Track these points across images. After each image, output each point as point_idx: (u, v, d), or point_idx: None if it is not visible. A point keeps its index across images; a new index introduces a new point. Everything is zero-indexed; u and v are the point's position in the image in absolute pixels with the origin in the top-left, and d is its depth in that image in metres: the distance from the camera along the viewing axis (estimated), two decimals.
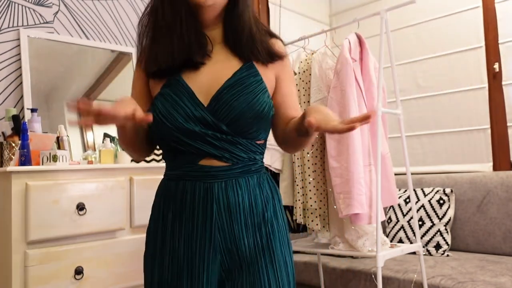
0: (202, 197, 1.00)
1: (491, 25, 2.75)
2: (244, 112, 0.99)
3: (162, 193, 1.08)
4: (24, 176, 1.56)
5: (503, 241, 2.40)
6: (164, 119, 0.98)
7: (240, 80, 1.01)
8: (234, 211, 1.00)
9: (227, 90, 1.00)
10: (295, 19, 3.37)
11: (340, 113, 1.85)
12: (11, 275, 1.50)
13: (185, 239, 1.00)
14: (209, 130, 0.99)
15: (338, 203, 1.82)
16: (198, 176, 1.00)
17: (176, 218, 1.02)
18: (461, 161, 2.85)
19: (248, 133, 1.02)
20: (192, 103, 0.99)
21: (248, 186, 1.03)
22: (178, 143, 1.00)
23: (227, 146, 1.00)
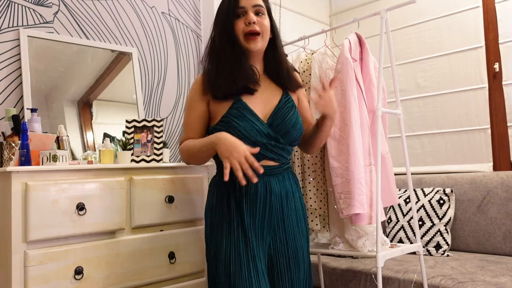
0: (263, 189, 1.39)
1: (491, 25, 2.75)
2: (292, 128, 1.42)
3: (225, 186, 1.43)
4: (24, 176, 1.56)
5: (503, 241, 2.40)
6: (244, 133, 1.36)
7: (284, 104, 1.44)
8: (285, 198, 1.42)
9: (278, 112, 1.42)
10: (295, 19, 3.37)
11: (341, 113, 1.85)
12: (10, 275, 1.50)
13: (249, 218, 1.38)
14: (271, 141, 1.40)
15: (338, 203, 1.82)
16: (259, 174, 1.33)
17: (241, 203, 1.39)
18: (461, 161, 2.85)
19: (293, 142, 1.46)
20: (257, 121, 1.38)
21: (290, 179, 1.47)
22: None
23: (280, 151, 1.43)
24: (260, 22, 1.40)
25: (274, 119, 1.41)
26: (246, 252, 1.35)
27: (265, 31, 1.42)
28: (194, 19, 2.88)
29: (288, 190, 1.45)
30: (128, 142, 2.05)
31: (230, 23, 1.40)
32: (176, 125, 2.72)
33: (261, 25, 1.40)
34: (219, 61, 1.43)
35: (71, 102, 2.21)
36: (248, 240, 1.37)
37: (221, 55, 1.42)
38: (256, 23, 1.39)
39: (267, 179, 1.41)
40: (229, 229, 1.40)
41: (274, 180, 1.42)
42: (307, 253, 1.50)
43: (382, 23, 1.90)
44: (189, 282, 1.94)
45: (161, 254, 1.87)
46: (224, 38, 1.41)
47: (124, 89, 2.43)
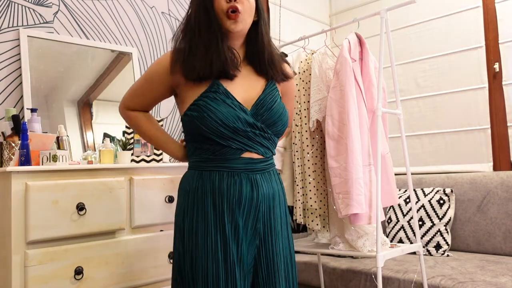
0: (249, 187, 1.23)
1: (491, 25, 2.75)
2: (278, 119, 1.28)
3: (199, 183, 1.24)
4: (24, 176, 1.56)
5: (503, 241, 2.40)
6: (221, 118, 1.19)
7: (270, 93, 1.30)
8: (272, 198, 1.28)
9: (264, 100, 1.27)
10: (295, 19, 3.37)
11: (340, 113, 1.85)
12: (11, 275, 1.50)
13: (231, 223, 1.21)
14: (256, 130, 1.24)
15: (337, 203, 1.82)
16: (242, 169, 1.23)
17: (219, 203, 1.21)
18: (461, 161, 2.85)
19: (279, 133, 1.32)
20: (239, 108, 1.23)
21: (275, 178, 1.32)
22: (229, 140, 1.22)
23: (266, 143, 1.28)
24: (242, 1, 1.25)
25: (258, 108, 1.25)
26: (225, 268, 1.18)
27: (246, 11, 1.26)
28: None
29: (275, 190, 1.30)
30: (128, 142, 2.05)
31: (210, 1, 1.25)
32: (176, 125, 2.72)
33: (243, 3, 1.24)
34: (193, 40, 1.25)
35: (71, 102, 2.21)
36: (229, 249, 1.19)
37: (196, 34, 1.25)
38: (238, 1, 1.24)
39: (252, 176, 1.24)
40: (206, 236, 1.20)
41: (260, 178, 1.26)
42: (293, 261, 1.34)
43: (382, 23, 1.90)
44: None
45: (161, 254, 1.87)
46: (202, 15, 1.25)
47: (124, 89, 2.42)
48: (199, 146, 1.26)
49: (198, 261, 1.19)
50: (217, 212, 1.21)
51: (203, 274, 1.17)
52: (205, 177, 1.23)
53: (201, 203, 1.22)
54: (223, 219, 1.20)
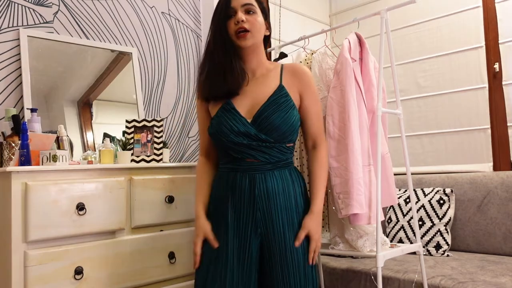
0: (247, 185, 1.41)
1: (491, 25, 2.75)
2: (279, 125, 1.39)
3: (218, 181, 1.51)
4: (24, 176, 1.56)
5: (503, 241, 2.40)
6: (219, 135, 1.42)
7: (274, 101, 1.42)
8: (271, 194, 1.40)
9: (265, 109, 1.41)
10: (295, 19, 3.37)
11: (340, 113, 1.85)
12: (10, 275, 1.50)
13: (235, 216, 1.41)
14: (253, 141, 1.40)
15: (337, 203, 1.82)
16: (245, 170, 1.42)
17: (228, 199, 1.43)
18: (461, 161, 2.84)
19: (282, 140, 1.43)
20: (237, 121, 1.41)
21: (282, 176, 1.44)
22: (231, 150, 1.43)
23: (265, 150, 1.42)
24: (250, 20, 1.43)
25: (259, 115, 1.41)
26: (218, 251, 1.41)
27: (255, 29, 1.44)
28: (194, 19, 2.88)
29: (277, 187, 1.42)
30: (128, 142, 2.05)
31: (223, 24, 1.44)
32: (176, 125, 2.72)
33: (251, 23, 1.43)
34: (211, 63, 1.46)
35: (71, 102, 2.21)
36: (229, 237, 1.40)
37: (213, 57, 1.46)
38: (245, 21, 1.42)
39: (252, 175, 1.42)
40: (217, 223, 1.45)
41: (259, 177, 1.41)
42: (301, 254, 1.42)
43: (382, 23, 1.90)
44: (189, 282, 1.94)
45: (161, 254, 1.87)
46: (218, 39, 1.45)
47: (124, 89, 2.43)
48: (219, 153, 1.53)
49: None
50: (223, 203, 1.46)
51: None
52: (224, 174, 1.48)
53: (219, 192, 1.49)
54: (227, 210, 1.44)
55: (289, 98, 1.44)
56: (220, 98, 1.45)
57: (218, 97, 1.45)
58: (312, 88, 1.52)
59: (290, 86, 1.47)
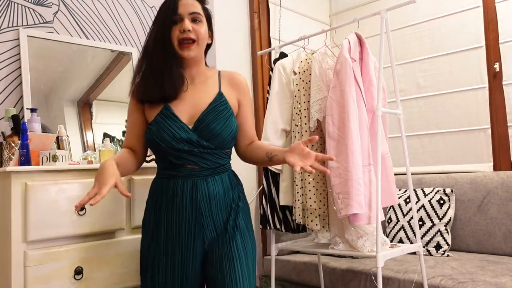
0: (189, 190, 1.38)
1: (492, 25, 2.75)
2: (220, 132, 1.39)
3: (156, 188, 1.45)
4: (24, 176, 1.56)
5: (503, 241, 2.40)
6: (160, 141, 1.37)
7: (214, 108, 1.41)
8: (213, 197, 1.40)
9: (206, 116, 1.39)
10: (295, 19, 3.37)
11: (339, 113, 1.85)
12: (10, 275, 1.50)
13: (176, 221, 1.38)
14: (194, 148, 1.38)
15: (337, 203, 1.82)
16: (186, 176, 1.39)
17: (169, 206, 1.39)
18: (462, 161, 2.84)
19: (222, 146, 1.42)
20: (179, 127, 1.38)
21: (222, 181, 1.43)
22: (171, 156, 1.39)
23: (207, 156, 1.40)
24: (196, 29, 1.40)
25: (199, 123, 1.38)
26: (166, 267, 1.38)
27: (201, 38, 1.42)
28: None
29: (218, 191, 1.41)
30: None
31: (167, 29, 1.40)
32: None
33: (197, 32, 1.40)
34: (147, 65, 1.42)
35: (71, 102, 2.21)
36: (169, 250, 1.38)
37: (151, 59, 1.41)
38: (192, 30, 1.39)
39: (193, 180, 1.39)
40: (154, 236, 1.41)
41: (201, 182, 1.39)
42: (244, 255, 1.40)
43: (382, 23, 1.90)
44: None
45: None
46: (159, 43, 1.40)
47: (124, 89, 2.42)
48: (157, 158, 1.48)
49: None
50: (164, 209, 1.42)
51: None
52: (163, 182, 1.43)
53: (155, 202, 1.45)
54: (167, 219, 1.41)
55: (228, 105, 1.43)
56: (156, 102, 1.40)
57: (154, 101, 1.41)
58: (248, 95, 1.54)
59: (228, 93, 1.46)
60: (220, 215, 1.40)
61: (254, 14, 3.12)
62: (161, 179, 1.44)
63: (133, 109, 1.47)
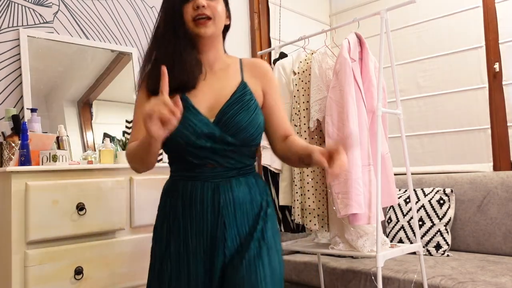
0: (210, 195, 1.19)
1: (492, 25, 2.75)
2: (246, 126, 1.19)
3: (170, 193, 1.26)
4: (24, 176, 1.56)
5: (503, 241, 2.40)
6: (177, 138, 1.16)
7: (238, 98, 1.22)
8: (238, 203, 1.20)
9: (229, 107, 1.20)
10: (295, 19, 3.37)
11: (339, 113, 1.85)
12: (11, 275, 1.50)
13: (196, 232, 1.18)
14: (217, 144, 1.18)
15: (336, 203, 1.82)
16: (207, 177, 1.20)
17: (186, 214, 1.20)
18: (461, 161, 2.85)
19: (249, 143, 1.22)
20: (199, 121, 1.18)
21: (247, 183, 1.23)
22: (190, 155, 1.19)
23: (231, 154, 1.20)
24: (212, 6, 1.22)
25: (223, 115, 1.19)
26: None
27: (218, 16, 1.23)
28: None
29: (244, 195, 1.21)
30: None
31: (178, 8, 1.22)
32: None
33: (213, 9, 1.22)
34: (160, 50, 1.23)
35: (71, 102, 2.21)
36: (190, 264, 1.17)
37: (163, 44, 1.22)
38: (206, 7, 1.20)
39: (215, 183, 1.20)
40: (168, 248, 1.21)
41: (224, 185, 1.20)
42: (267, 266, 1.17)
43: (382, 23, 1.90)
44: None
45: None
46: (170, 23, 1.23)
47: (124, 89, 2.43)
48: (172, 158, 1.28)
49: None
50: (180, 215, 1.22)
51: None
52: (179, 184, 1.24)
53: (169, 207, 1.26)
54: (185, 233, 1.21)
55: (253, 96, 1.24)
56: (171, 92, 1.13)
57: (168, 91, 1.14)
58: (275, 85, 1.33)
59: (252, 83, 1.27)
60: (245, 224, 1.20)
61: (254, 14, 3.12)
62: (175, 182, 1.25)
63: (143, 102, 1.25)
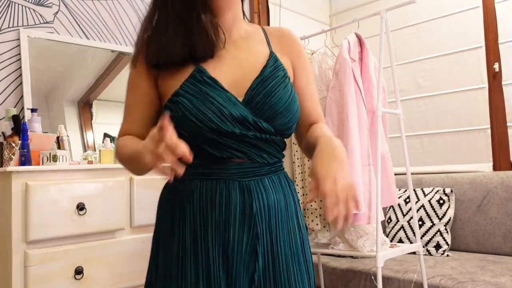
0: (240, 197, 0.89)
1: (491, 25, 2.75)
2: (284, 110, 0.92)
3: (179, 197, 0.93)
4: (24, 176, 1.56)
5: (503, 241, 2.40)
6: (196, 120, 0.87)
7: (272, 75, 0.94)
8: (273, 210, 0.92)
9: (262, 85, 0.92)
10: (295, 19, 3.37)
11: (339, 113, 1.85)
12: (11, 275, 1.50)
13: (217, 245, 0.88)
14: (249, 131, 0.89)
15: None
16: (233, 175, 0.90)
17: (206, 224, 0.89)
18: (461, 161, 2.85)
19: (285, 130, 0.95)
20: (225, 99, 0.89)
21: (281, 185, 0.96)
22: (212, 145, 0.89)
23: (264, 145, 0.92)
24: None
25: (255, 94, 0.90)
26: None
27: None
28: None
29: (279, 200, 0.93)
30: None
31: None
32: None
33: None
34: (163, 14, 0.94)
35: (71, 102, 2.22)
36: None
37: (169, 4, 0.93)
38: None
39: (246, 183, 0.90)
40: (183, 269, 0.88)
41: (255, 186, 0.91)
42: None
43: (382, 23, 1.90)
44: None
45: None
46: None
47: (124, 89, 2.42)
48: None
49: None
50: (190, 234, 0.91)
51: None
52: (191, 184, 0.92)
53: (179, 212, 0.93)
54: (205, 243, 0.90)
55: (286, 72, 0.97)
56: (180, 64, 0.91)
57: (176, 63, 0.91)
58: (306, 58, 1.06)
59: (280, 57, 0.99)
60: (282, 238, 0.92)
61: (254, 14, 3.12)
62: (186, 182, 0.92)
63: (139, 79, 0.97)
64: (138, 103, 0.98)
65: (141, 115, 0.98)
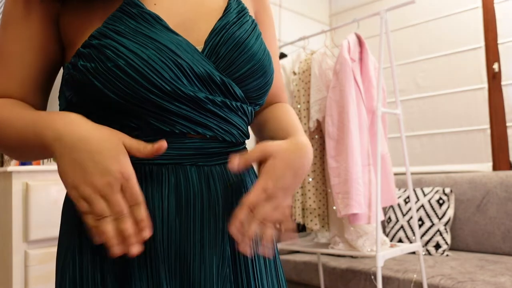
0: (205, 187, 0.63)
1: (491, 25, 2.76)
2: (259, 67, 0.66)
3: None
4: (25, 176, 1.56)
5: (502, 241, 2.41)
6: (136, 75, 0.57)
7: (238, 17, 0.67)
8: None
9: (226, 29, 0.64)
10: (295, 19, 3.37)
11: (339, 113, 1.85)
12: (11, 275, 1.50)
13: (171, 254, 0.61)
14: (216, 96, 0.63)
15: (336, 203, 1.83)
16: (192, 156, 0.62)
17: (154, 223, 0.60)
18: (461, 161, 2.85)
19: (258, 99, 0.70)
20: (178, 46, 0.60)
21: (249, 173, 0.72)
22: (156, 115, 0.60)
23: (234, 119, 0.66)
24: None
25: (220, 43, 0.63)
26: None
27: None
28: None
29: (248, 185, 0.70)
30: None
31: None
32: None
33: None
34: None
35: None
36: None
37: None
38: None
39: (206, 169, 0.63)
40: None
41: (219, 172, 0.65)
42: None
43: (382, 23, 1.90)
44: None
45: None
46: None
47: None
48: (100, 120, 0.60)
49: None
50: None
51: None
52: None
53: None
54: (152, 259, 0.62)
55: (252, 18, 0.70)
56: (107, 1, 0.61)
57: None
58: (271, 12, 0.81)
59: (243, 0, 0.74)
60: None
61: None
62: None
63: (27, 11, 0.63)
64: (23, 49, 0.64)
65: (26, 68, 0.64)
